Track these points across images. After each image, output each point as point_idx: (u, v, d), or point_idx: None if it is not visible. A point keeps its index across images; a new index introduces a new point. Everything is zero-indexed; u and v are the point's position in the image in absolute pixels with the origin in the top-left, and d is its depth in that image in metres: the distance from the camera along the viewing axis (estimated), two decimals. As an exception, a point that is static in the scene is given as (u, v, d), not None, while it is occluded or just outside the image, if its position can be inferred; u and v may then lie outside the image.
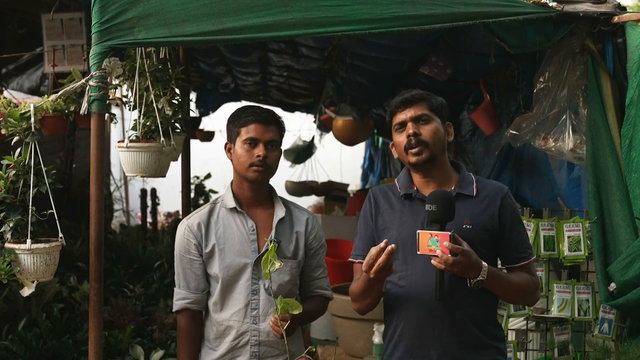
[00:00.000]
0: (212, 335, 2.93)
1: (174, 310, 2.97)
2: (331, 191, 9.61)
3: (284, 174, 9.67)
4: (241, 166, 2.88)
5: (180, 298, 2.93)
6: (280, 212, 2.95)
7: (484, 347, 2.62)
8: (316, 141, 9.71)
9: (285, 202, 3.03)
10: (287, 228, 2.96)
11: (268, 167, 2.87)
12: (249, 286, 2.87)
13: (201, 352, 2.97)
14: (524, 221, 3.46)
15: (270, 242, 2.85)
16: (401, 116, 2.66)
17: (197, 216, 2.95)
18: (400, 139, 2.66)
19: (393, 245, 2.41)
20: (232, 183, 2.99)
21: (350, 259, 2.80)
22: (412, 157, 2.63)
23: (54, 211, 2.97)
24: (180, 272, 2.94)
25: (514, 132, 3.88)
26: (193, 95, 9.74)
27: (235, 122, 2.92)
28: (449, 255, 2.39)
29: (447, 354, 2.57)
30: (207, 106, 9.97)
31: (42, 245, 2.92)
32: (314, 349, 2.65)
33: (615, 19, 3.16)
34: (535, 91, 3.65)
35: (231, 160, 2.95)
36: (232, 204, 2.93)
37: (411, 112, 2.64)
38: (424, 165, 2.64)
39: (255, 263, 2.87)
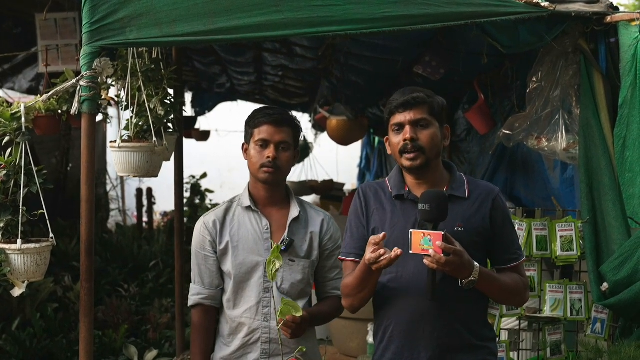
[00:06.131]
0: (227, 331, 2.97)
1: (188, 305, 3.02)
2: (332, 190, 9.62)
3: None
4: (253, 167, 2.94)
5: (195, 293, 2.98)
6: (294, 212, 2.98)
7: (475, 347, 2.61)
8: (311, 140, 9.70)
9: (301, 202, 3.07)
10: (302, 228, 2.99)
11: (278, 169, 2.90)
12: (261, 284, 2.91)
13: (215, 347, 3.01)
14: (517, 221, 3.47)
15: (282, 242, 2.89)
16: (400, 117, 2.60)
17: (214, 214, 3.01)
18: (396, 140, 2.62)
19: (400, 251, 2.38)
20: (249, 183, 3.03)
21: (340, 257, 2.77)
22: (407, 161, 2.60)
23: (45, 211, 2.97)
24: (196, 268, 2.99)
25: (507, 131, 3.87)
26: (189, 95, 9.73)
27: (249, 123, 2.97)
28: (442, 254, 2.38)
29: (438, 355, 2.56)
30: (203, 106, 9.97)
31: (32, 246, 2.92)
32: (305, 349, 2.65)
33: (608, 18, 3.15)
34: (528, 91, 3.64)
35: (247, 161, 2.99)
36: (247, 202, 2.98)
37: (410, 115, 2.58)
38: (417, 170, 2.62)
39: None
